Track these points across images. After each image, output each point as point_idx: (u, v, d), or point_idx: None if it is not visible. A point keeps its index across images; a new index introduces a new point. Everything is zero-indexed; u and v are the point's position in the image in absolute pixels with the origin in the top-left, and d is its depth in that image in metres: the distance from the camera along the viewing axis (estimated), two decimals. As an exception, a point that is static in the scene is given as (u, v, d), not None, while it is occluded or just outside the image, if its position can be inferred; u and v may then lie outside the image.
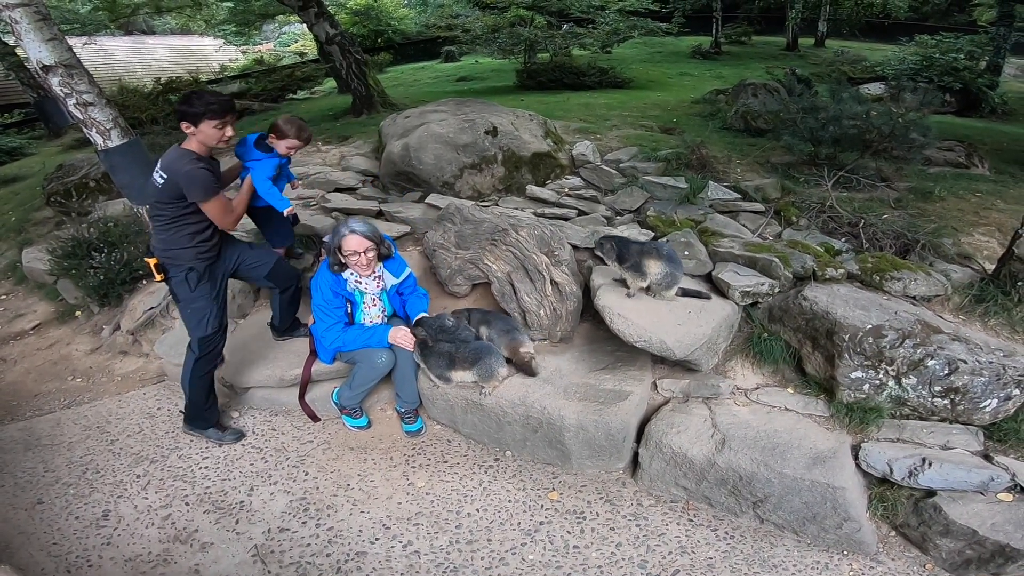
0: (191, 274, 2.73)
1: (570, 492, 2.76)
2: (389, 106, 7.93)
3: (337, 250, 2.78)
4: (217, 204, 2.65)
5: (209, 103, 2.57)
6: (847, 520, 2.39)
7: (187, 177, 2.53)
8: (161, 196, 2.61)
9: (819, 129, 4.58)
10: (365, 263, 2.79)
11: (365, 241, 2.75)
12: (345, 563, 2.39)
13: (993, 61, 9.98)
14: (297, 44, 22.15)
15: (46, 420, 3.33)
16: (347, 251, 2.75)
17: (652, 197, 4.35)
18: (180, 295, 2.78)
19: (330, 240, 2.84)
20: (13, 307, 4.63)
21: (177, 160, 2.57)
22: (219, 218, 2.70)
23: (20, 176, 8.09)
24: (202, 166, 2.58)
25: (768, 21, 18.27)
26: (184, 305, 2.81)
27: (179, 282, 2.74)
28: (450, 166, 4.49)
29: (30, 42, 3.07)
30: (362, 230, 2.75)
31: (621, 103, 7.64)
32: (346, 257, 2.77)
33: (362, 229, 2.76)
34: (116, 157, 3.38)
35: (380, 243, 2.84)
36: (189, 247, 2.70)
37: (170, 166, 2.58)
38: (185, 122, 2.58)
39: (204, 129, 2.58)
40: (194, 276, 2.74)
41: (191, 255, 2.70)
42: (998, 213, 4.17)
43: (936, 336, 2.71)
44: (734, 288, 3.10)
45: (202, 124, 2.56)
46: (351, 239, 2.74)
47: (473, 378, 2.87)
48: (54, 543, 2.49)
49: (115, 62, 16.73)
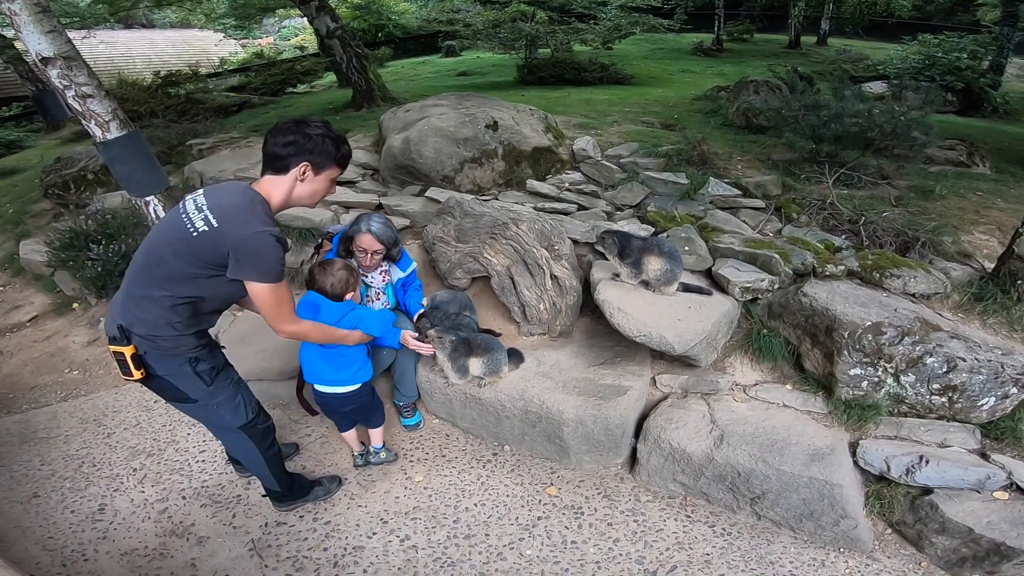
0: (200, 365, 1.99)
1: (568, 487, 2.75)
2: (389, 100, 7.91)
3: (349, 239, 2.77)
4: (279, 294, 1.88)
5: (342, 145, 1.94)
6: (844, 517, 2.39)
7: (254, 242, 1.74)
8: (195, 249, 1.75)
9: (821, 127, 4.57)
10: (368, 262, 2.79)
11: (376, 243, 2.73)
12: (342, 557, 2.39)
13: (996, 61, 9.97)
14: (297, 38, 22.11)
15: (43, 413, 3.32)
16: (358, 246, 2.75)
17: (652, 193, 4.34)
18: (193, 395, 2.02)
19: (346, 228, 2.83)
20: (10, 299, 4.62)
21: (246, 211, 1.76)
22: (275, 315, 1.92)
23: (18, 168, 8.07)
24: (276, 233, 1.78)
25: (770, 19, 18.20)
26: (202, 406, 2.07)
27: (185, 378, 1.98)
28: (450, 160, 4.48)
29: (29, 34, 3.05)
30: (377, 232, 2.72)
31: (622, 99, 7.62)
32: (355, 247, 2.78)
33: (378, 231, 2.72)
34: (115, 149, 3.36)
35: (393, 246, 2.81)
36: (191, 333, 1.95)
37: (229, 215, 1.75)
38: (302, 161, 1.86)
39: (322, 179, 1.93)
40: (205, 367, 2.00)
41: (192, 343, 1.96)
42: (998, 212, 4.16)
43: (935, 334, 2.70)
44: (734, 284, 3.10)
45: (325, 172, 1.92)
46: (364, 237, 2.72)
47: (480, 371, 2.87)
48: (50, 537, 2.48)
49: (115, 55, 16.67)
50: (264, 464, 2.35)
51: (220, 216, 1.75)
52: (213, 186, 1.93)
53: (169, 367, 1.96)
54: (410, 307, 3.01)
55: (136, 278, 1.87)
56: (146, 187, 3.46)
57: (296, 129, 1.86)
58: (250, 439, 2.26)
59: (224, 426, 2.21)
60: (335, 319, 2.39)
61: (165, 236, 1.83)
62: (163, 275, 1.81)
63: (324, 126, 1.92)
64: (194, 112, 8.40)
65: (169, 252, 1.79)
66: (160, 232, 1.87)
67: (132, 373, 1.90)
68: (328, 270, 2.44)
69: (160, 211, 3.49)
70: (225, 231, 1.74)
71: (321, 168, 1.91)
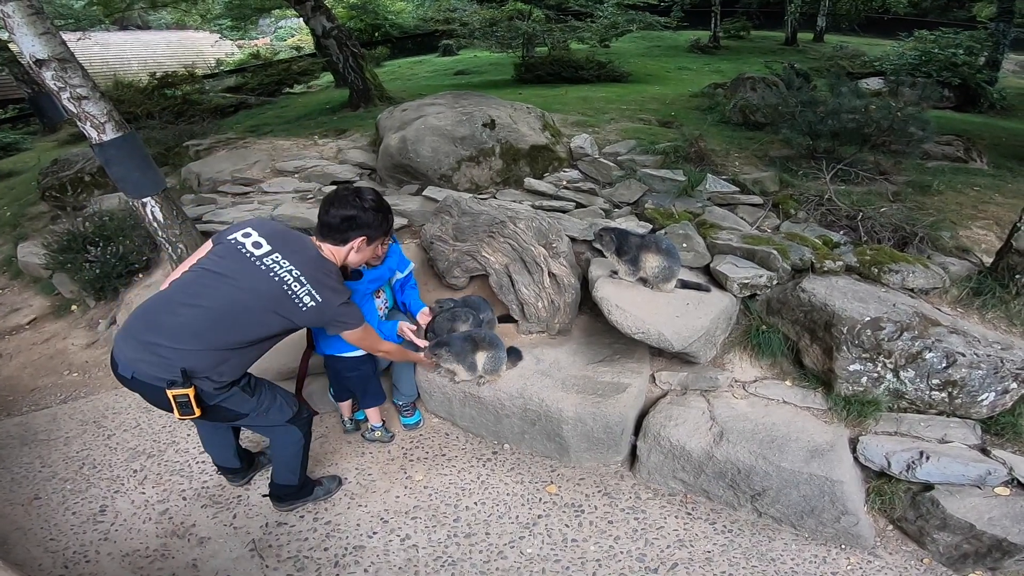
0: (242, 382, 2.14)
1: (568, 485, 2.75)
2: (386, 99, 7.89)
3: None
4: (367, 330, 2.25)
5: (390, 215, 2.23)
6: (845, 514, 2.39)
7: (346, 309, 2.09)
8: (297, 319, 2.02)
9: (818, 123, 4.56)
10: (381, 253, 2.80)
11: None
12: (343, 557, 2.39)
13: (992, 57, 9.96)
14: (294, 39, 22.04)
15: (43, 415, 3.31)
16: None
17: (650, 190, 4.33)
18: (244, 410, 2.18)
19: None
20: (8, 302, 4.61)
21: (335, 283, 2.07)
22: (371, 345, 2.33)
23: (15, 171, 8.05)
24: (351, 293, 2.17)
25: (767, 16, 18.16)
26: (255, 416, 2.23)
27: (233, 398, 2.11)
28: (447, 159, 4.47)
29: (23, 36, 3.04)
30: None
31: (619, 96, 7.61)
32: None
33: None
34: (111, 151, 3.35)
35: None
36: (246, 365, 2.14)
37: (325, 289, 2.02)
38: (359, 236, 2.13)
39: (371, 248, 2.24)
40: (247, 381, 2.16)
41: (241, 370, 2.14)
42: (996, 207, 4.17)
43: (934, 329, 2.70)
44: (732, 280, 3.10)
45: (376, 242, 2.23)
46: None
47: (481, 368, 2.86)
48: (51, 539, 2.47)
49: (110, 57, 16.62)
50: (301, 455, 2.46)
51: (319, 290, 2.00)
52: (290, 242, 2.06)
53: (221, 396, 2.06)
54: (411, 307, 3.01)
55: (210, 327, 1.93)
56: (143, 189, 3.45)
57: (354, 203, 2.10)
58: (299, 429, 2.40)
59: (275, 424, 2.33)
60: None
61: (254, 293, 1.95)
62: (247, 323, 1.97)
63: (375, 199, 2.17)
64: (190, 113, 8.39)
65: (259, 308, 1.96)
66: (241, 288, 1.96)
67: (195, 412, 1.98)
68: None
69: (157, 212, 3.48)
70: (326, 308, 2.02)
71: (373, 240, 2.19)
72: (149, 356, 1.92)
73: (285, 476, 2.51)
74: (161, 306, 1.98)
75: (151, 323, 1.96)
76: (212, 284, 1.96)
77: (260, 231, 2.05)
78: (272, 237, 2.04)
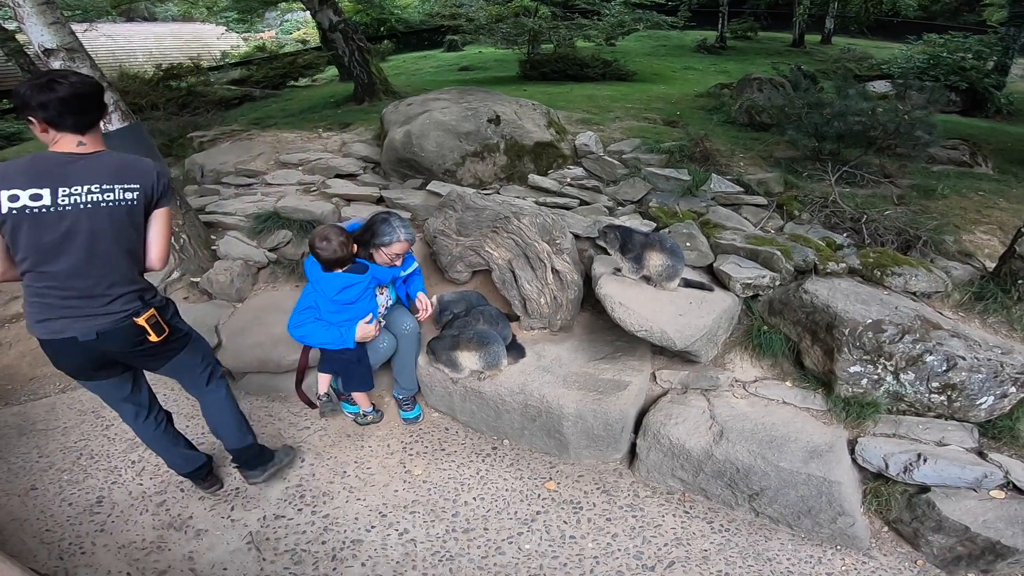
0: (171, 306, 2.30)
1: (567, 482, 2.76)
2: (391, 94, 7.90)
3: (380, 245, 2.78)
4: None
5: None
6: (842, 515, 2.39)
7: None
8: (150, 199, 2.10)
9: (823, 125, 4.55)
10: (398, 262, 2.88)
11: (408, 246, 2.84)
12: (341, 551, 2.39)
13: (1001, 61, 9.92)
14: (300, 32, 22.05)
15: (41, 405, 3.31)
16: (391, 252, 2.79)
17: (654, 188, 4.33)
18: (185, 328, 2.31)
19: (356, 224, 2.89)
20: (8, 290, 4.60)
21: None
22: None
23: (19, 160, 8.04)
24: None
25: (775, 17, 18.13)
26: (197, 341, 2.35)
27: (179, 319, 2.28)
28: (452, 154, 4.47)
29: (32, 26, 3.06)
30: (409, 237, 2.81)
31: (624, 95, 7.60)
32: (386, 254, 2.79)
33: (409, 237, 2.82)
34: (116, 140, 3.35)
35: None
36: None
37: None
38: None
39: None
40: (174, 308, 2.32)
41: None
42: (1000, 212, 4.16)
43: (935, 332, 2.70)
44: (735, 280, 3.09)
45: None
46: (401, 245, 2.78)
47: (478, 365, 2.87)
48: (47, 530, 2.48)
49: (116, 48, 16.61)
50: (237, 410, 2.50)
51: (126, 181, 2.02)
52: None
53: (168, 312, 2.18)
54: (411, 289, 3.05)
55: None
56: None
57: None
58: (222, 382, 2.46)
59: (208, 355, 2.42)
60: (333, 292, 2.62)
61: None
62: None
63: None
64: (195, 105, 8.40)
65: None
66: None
67: (164, 329, 2.11)
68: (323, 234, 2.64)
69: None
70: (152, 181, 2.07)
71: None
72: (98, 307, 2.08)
73: (237, 438, 2.48)
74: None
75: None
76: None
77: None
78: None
